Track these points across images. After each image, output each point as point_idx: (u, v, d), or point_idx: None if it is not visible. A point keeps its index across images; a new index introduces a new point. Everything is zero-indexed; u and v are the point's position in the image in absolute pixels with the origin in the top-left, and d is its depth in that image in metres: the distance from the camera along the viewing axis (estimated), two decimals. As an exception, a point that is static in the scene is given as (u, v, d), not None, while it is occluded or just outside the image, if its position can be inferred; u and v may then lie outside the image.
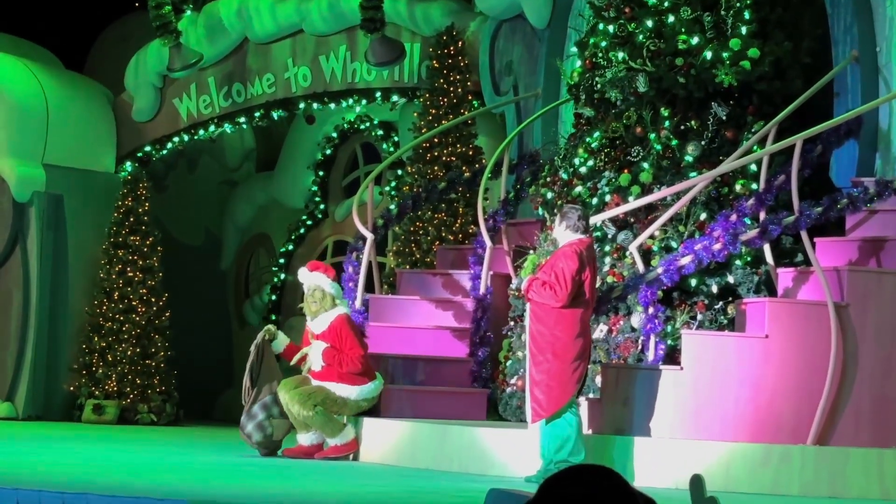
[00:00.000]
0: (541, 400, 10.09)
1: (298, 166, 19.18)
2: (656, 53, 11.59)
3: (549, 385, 10.05)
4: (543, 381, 10.08)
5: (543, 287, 10.08)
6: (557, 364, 10.01)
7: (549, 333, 10.09)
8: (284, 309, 19.14)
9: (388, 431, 11.99)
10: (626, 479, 2.21)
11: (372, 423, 12.26)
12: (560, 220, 10.29)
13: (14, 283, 17.46)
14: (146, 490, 8.67)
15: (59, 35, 20.47)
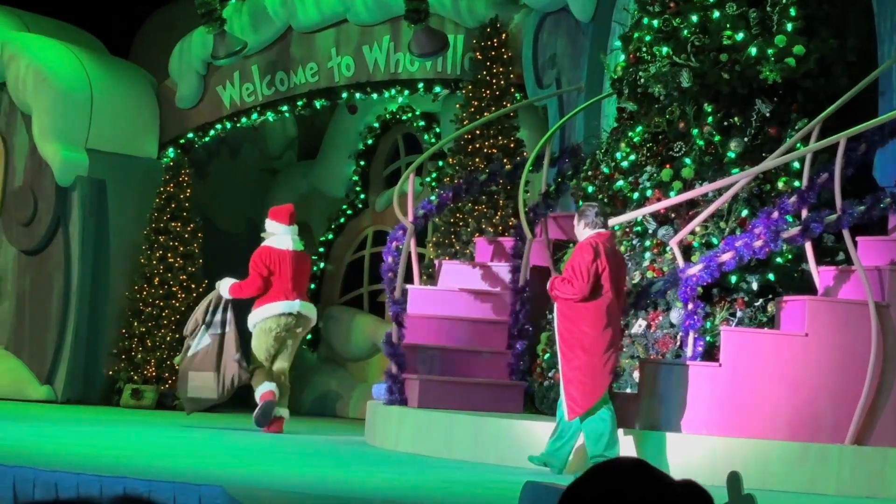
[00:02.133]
0: (576, 397, 10.14)
1: (340, 156, 19.21)
2: (701, 49, 11.55)
3: (583, 381, 10.11)
4: (576, 377, 10.13)
5: (563, 283, 10.17)
6: (587, 359, 10.08)
7: (577, 329, 10.16)
8: (323, 298, 19.17)
9: (425, 422, 12.00)
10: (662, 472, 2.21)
11: (409, 414, 12.28)
12: (579, 219, 10.45)
13: (55, 267, 17.55)
14: (183, 474, 8.71)
15: (104, 21, 20.56)
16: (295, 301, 13.76)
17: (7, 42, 17.72)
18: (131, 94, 18.28)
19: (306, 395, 18.68)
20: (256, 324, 13.68)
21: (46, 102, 17.43)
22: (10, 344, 17.85)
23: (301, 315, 13.82)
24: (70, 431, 12.87)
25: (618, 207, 11.95)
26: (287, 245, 14.00)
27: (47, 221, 17.52)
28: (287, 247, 13.99)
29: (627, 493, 2.14)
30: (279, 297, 13.68)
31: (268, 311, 13.65)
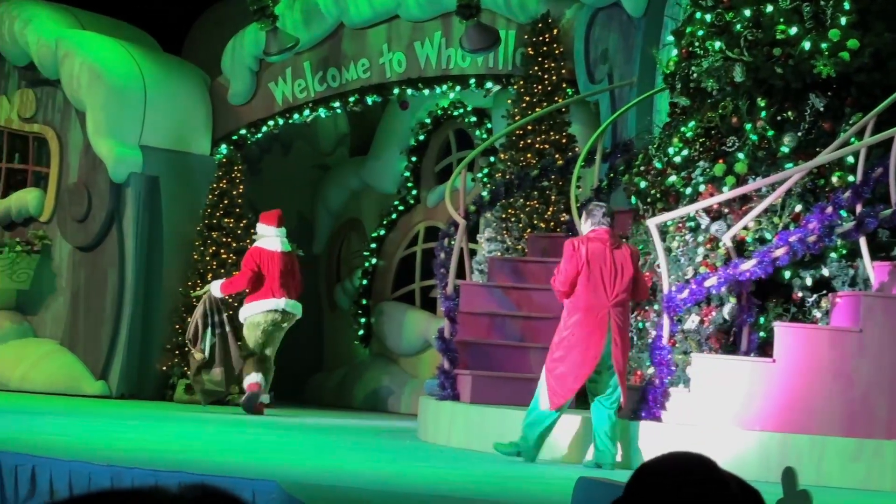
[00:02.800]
0: (556, 388, 10.57)
1: (391, 152, 19.24)
2: (754, 43, 11.49)
3: (564, 373, 10.55)
4: (557, 367, 10.56)
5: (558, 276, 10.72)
6: (569, 352, 10.56)
7: (563, 324, 10.64)
8: (375, 293, 19.21)
9: (477, 418, 12.01)
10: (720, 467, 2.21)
11: (461, 409, 12.30)
12: (585, 218, 10.89)
13: (110, 262, 17.67)
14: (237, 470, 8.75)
15: (157, 18, 20.67)
16: (281, 299, 15.22)
17: (61, 40, 17.85)
18: (184, 90, 18.38)
19: (358, 391, 18.73)
20: (247, 318, 15.22)
21: (100, 99, 17.54)
22: (65, 339, 17.99)
23: (286, 312, 15.29)
24: (124, 426, 12.96)
25: (670, 203, 11.92)
26: (276, 246, 15.38)
27: (101, 218, 17.64)
28: (276, 248, 15.38)
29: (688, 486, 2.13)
30: (268, 294, 15.17)
31: (257, 308, 15.17)
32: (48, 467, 8.84)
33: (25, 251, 18.16)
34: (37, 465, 8.90)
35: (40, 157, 18.61)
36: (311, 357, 19.80)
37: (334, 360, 19.71)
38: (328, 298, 20.10)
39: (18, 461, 8.99)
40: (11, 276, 18.26)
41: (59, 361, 17.73)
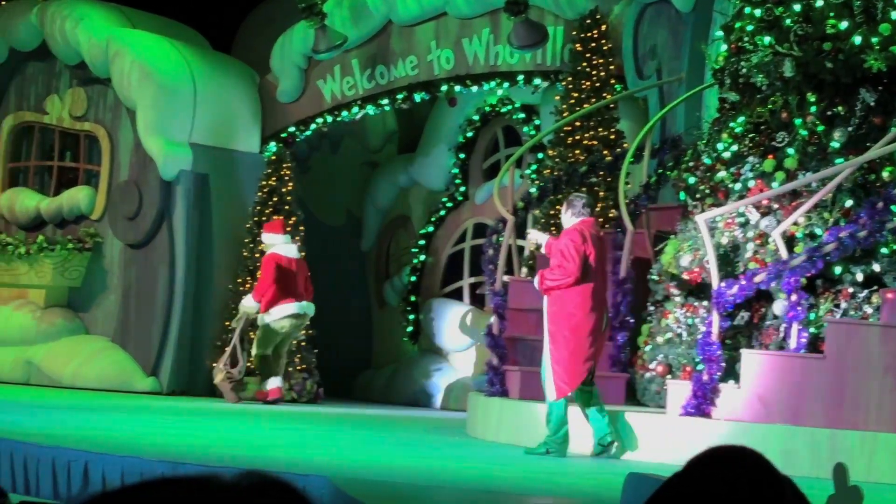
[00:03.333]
0: (564, 377, 10.75)
1: (439, 148, 19.25)
2: (804, 38, 11.44)
3: (570, 361, 10.74)
4: (564, 358, 10.74)
5: (552, 271, 10.80)
6: (574, 340, 10.73)
7: (565, 313, 10.81)
8: (423, 290, 19.24)
9: (526, 414, 12.01)
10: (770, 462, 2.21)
11: (509, 405, 12.30)
12: (566, 209, 11.05)
13: (160, 260, 17.76)
14: (288, 465, 8.80)
15: (207, 16, 20.76)
16: (303, 302, 16.34)
17: (112, 38, 17.95)
18: (233, 88, 18.46)
19: (407, 387, 18.75)
20: (272, 322, 16.17)
21: (150, 98, 17.63)
22: (116, 336, 18.09)
23: (306, 314, 16.46)
24: (175, 422, 13.04)
25: (719, 199, 11.88)
26: (292, 253, 16.53)
27: (152, 215, 17.73)
28: (293, 255, 16.51)
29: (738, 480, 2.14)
30: (291, 299, 16.21)
31: (284, 311, 16.15)
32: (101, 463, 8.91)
33: (77, 249, 18.28)
34: (89, 461, 8.98)
35: (91, 155, 18.73)
36: (360, 354, 19.84)
37: (383, 357, 19.74)
38: (377, 295, 20.14)
39: (71, 457, 9.07)
40: (63, 274, 18.39)
41: (110, 358, 17.84)
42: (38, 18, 18.62)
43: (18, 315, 18.49)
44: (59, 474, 9.11)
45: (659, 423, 11.11)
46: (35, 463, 9.28)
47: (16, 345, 18.33)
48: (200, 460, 8.81)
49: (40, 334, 18.25)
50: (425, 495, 8.21)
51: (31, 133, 19.34)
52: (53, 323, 18.29)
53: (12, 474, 9.39)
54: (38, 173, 19.29)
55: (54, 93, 18.95)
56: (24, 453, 9.35)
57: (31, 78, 19.24)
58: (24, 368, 18.26)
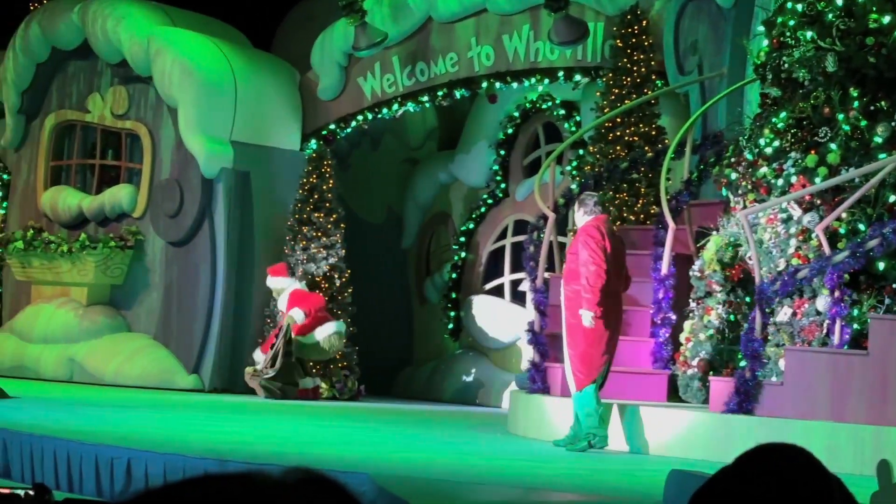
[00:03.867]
0: (581, 368, 10.96)
1: (480, 145, 19.23)
2: (846, 32, 11.37)
3: (587, 352, 10.94)
4: (580, 351, 10.95)
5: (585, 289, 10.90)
6: (592, 332, 10.90)
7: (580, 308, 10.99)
8: (464, 287, 19.23)
9: (567, 411, 11.99)
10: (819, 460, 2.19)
11: (551, 402, 12.29)
12: (579, 207, 11.30)
13: (202, 257, 17.82)
14: (329, 463, 8.81)
15: (247, 14, 20.82)
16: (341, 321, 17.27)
17: (153, 37, 18.02)
18: (274, 86, 18.49)
19: (448, 384, 18.76)
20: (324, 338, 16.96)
21: (192, 96, 17.69)
22: (158, 334, 18.16)
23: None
24: (217, 420, 13.08)
25: (762, 194, 11.82)
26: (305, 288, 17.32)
27: (193, 213, 17.79)
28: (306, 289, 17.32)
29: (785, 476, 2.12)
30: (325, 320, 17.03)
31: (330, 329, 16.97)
32: (143, 460, 8.95)
33: (119, 247, 18.36)
34: (132, 458, 9.02)
35: (133, 153, 18.81)
36: (401, 351, 19.86)
37: (424, 354, 19.76)
38: (418, 292, 20.15)
39: (114, 454, 9.11)
40: (105, 272, 18.47)
41: (152, 356, 17.91)
42: (80, 17, 18.70)
43: (61, 313, 18.59)
44: (102, 471, 9.15)
45: (701, 420, 11.08)
46: (78, 460, 9.32)
47: (59, 343, 18.43)
48: (243, 457, 8.83)
49: (83, 332, 18.34)
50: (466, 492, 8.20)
51: (73, 132, 19.44)
52: (96, 321, 18.37)
53: (56, 471, 9.44)
54: (80, 172, 19.39)
55: (96, 91, 19.03)
56: (67, 450, 9.40)
57: (72, 77, 19.33)
58: (66, 366, 18.36)
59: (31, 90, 19.59)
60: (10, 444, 9.90)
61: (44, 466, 9.54)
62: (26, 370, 18.52)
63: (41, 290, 19.10)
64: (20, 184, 19.82)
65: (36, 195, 19.44)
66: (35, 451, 9.66)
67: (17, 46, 19.43)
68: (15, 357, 18.78)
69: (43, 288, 19.07)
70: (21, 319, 19.04)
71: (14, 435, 9.93)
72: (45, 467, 9.52)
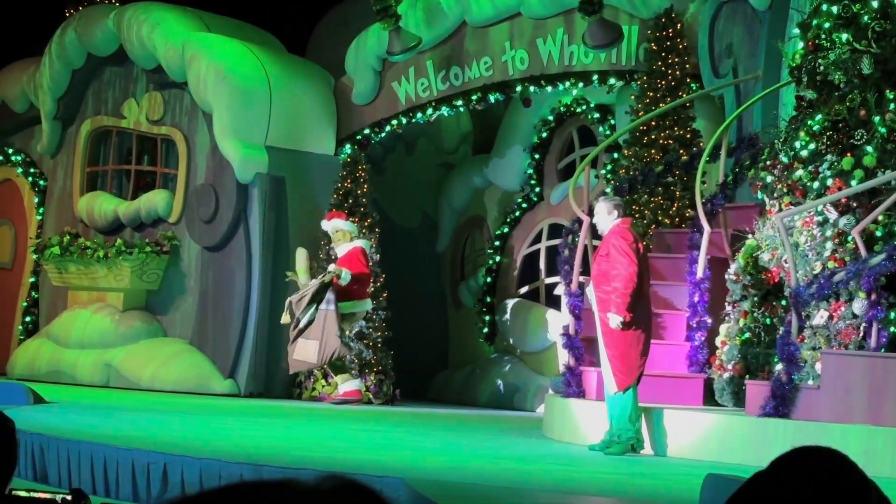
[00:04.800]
0: (622, 369, 10.98)
1: (514, 149, 19.23)
2: (882, 34, 11.32)
3: (626, 354, 10.96)
4: (620, 353, 10.97)
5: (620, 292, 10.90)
6: (631, 334, 10.95)
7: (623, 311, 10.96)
8: (499, 291, 19.22)
9: (603, 415, 11.96)
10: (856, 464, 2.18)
11: (587, 406, 12.27)
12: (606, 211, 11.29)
13: (237, 262, 17.86)
14: (364, 467, 8.81)
15: (282, 19, 20.87)
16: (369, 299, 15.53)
17: (188, 42, 18.09)
18: (309, 91, 18.53)
19: (484, 388, 18.75)
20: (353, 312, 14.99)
21: (227, 101, 17.75)
22: (194, 339, 18.22)
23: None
24: (253, 425, 13.10)
25: (798, 197, 11.78)
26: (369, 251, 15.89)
27: (229, 218, 17.84)
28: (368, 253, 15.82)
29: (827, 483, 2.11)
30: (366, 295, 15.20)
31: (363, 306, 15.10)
32: (179, 465, 8.97)
33: (155, 252, 18.44)
34: (168, 463, 9.04)
35: (168, 158, 18.88)
36: (436, 355, 19.86)
37: (459, 358, 19.76)
38: (453, 296, 20.16)
39: (150, 459, 9.14)
40: (141, 277, 18.55)
41: (188, 361, 17.97)
42: (115, 24, 18.79)
43: (98, 318, 18.67)
44: (139, 476, 9.18)
45: (737, 424, 11.03)
46: (115, 465, 9.36)
47: (95, 348, 18.51)
48: (279, 462, 8.84)
49: (119, 337, 18.42)
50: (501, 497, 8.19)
51: (109, 137, 19.53)
52: (132, 326, 18.45)
53: (92, 476, 9.47)
54: (115, 177, 19.48)
55: (131, 97, 19.12)
56: (103, 455, 9.44)
57: (108, 83, 19.43)
58: (103, 371, 18.43)
59: (67, 96, 19.69)
60: (48, 449, 9.95)
61: (80, 471, 9.58)
62: (63, 375, 18.62)
63: (77, 295, 19.19)
64: (56, 190, 19.92)
65: (72, 201, 19.54)
66: (72, 456, 9.70)
67: (54, 53, 19.54)
68: (52, 362, 18.87)
69: (79, 293, 19.16)
70: (57, 325, 19.14)
71: (51, 440, 9.97)
72: (82, 472, 9.56)
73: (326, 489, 1.76)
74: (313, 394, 17.52)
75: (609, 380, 11.10)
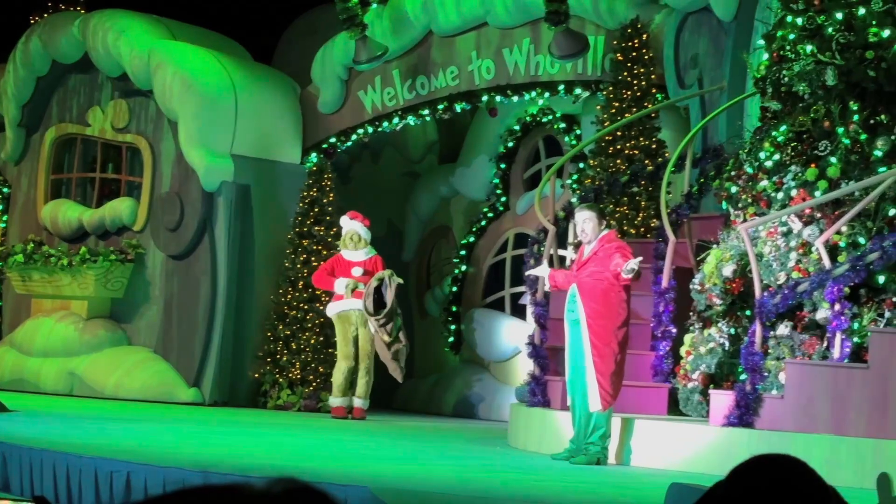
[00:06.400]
0: (608, 388, 10.99)
1: (480, 159, 19.24)
2: (846, 46, 11.38)
3: (616, 373, 11.02)
4: (609, 370, 10.98)
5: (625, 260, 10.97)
6: (621, 354, 11.06)
7: (611, 325, 11.02)
8: (465, 300, 19.22)
9: (568, 425, 11.98)
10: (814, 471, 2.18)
11: (552, 416, 12.28)
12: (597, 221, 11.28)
13: (202, 270, 17.82)
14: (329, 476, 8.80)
15: (248, 28, 20.84)
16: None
17: (154, 50, 18.04)
18: (275, 99, 18.51)
19: (449, 398, 18.75)
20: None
21: (192, 109, 17.70)
22: (158, 347, 18.16)
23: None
24: (218, 433, 13.06)
25: (762, 208, 11.83)
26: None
27: (194, 226, 17.79)
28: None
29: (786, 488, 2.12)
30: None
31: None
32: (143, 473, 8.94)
33: (119, 260, 18.37)
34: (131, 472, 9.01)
35: (133, 166, 18.82)
36: (401, 364, 19.82)
37: (425, 367, 19.74)
38: (418, 306, 20.15)
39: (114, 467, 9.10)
40: (106, 285, 18.48)
41: (152, 369, 17.90)
42: (80, 31, 18.73)
43: (61, 326, 18.59)
44: (102, 485, 9.14)
45: (701, 434, 11.07)
46: (77, 473, 9.32)
47: (59, 356, 18.43)
48: (243, 471, 8.81)
49: (83, 345, 18.34)
50: (467, 506, 8.19)
51: (74, 145, 19.45)
52: (96, 334, 18.37)
53: (55, 485, 9.43)
54: (80, 185, 19.40)
55: (96, 105, 19.05)
56: (66, 464, 9.40)
57: (73, 90, 19.35)
58: (67, 380, 18.35)
59: (31, 104, 19.61)
60: (10, 457, 9.90)
61: (43, 480, 9.53)
62: (26, 384, 18.52)
63: (41, 303, 19.10)
64: (20, 197, 19.83)
65: (36, 209, 19.45)
66: (35, 464, 9.65)
67: (18, 60, 19.46)
68: (15, 370, 18.78)
69: (43, 301, 19.07)
70: (21, 333, 19.04)
71: (14, 448, 9.92)
72: (45, 480, 9.52)
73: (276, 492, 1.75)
74: (278, 402, 17.48)
75: (594, 396, 11.07)
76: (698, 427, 11.25)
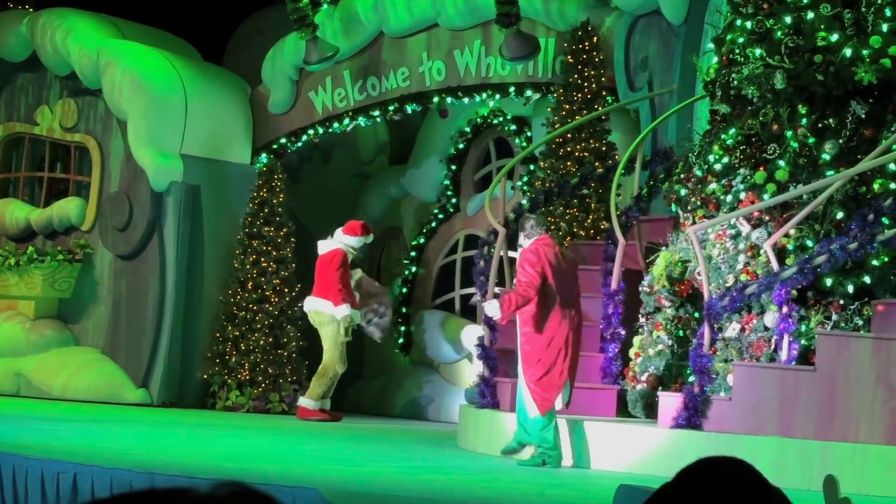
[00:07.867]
0: (542, 394, 11.04)
1: (431, 160, 19.23)
2: (795, 50, 11.45)
3: (548, 376, 11.02)
4: (538, 375, 11.02)
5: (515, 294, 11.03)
6: (548, 358, 11.03)
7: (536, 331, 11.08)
8: (415, 302, 19.21)
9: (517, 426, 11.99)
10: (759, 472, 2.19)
11: (501, 417, 12.28)
12: (520, 232, 11.39)
13: (151, 271, 17.73)
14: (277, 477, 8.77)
15: (197, 27, 20.75)
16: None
17: (103, 49, 17.93)
18: (225, 99, 18.44)
19: (398, 399, 18.73)
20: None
21: (141, 109, 17.61)
22: (106, 348, 18.05)
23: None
24: (165, 434, 13.00)
25: (711, 210, 11.89)
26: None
27: (142, 226, 17.70)
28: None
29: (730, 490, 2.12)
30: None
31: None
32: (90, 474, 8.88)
33: (67, 260, 18.25)
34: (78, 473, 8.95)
35: (82, 166, 18.71)
36: (351, 365, 19.77)
37: (374, 369, 19.71)
38: (368, 307, 20.09)
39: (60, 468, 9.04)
40: (53, 285, 18.35)
41: (100, 370, 17.80)
42: (29, 29, 18.60)
43: (8, 326, 18.45)
44: (48, 486, 9.08)
45: (650, 436, 11.10)
46: (24, 475, 9.25)
47: (5, 356, 18.29)
48: (190, 473, 8.77)
49: (30, 346, 18.22)
50: (415, 507, 8.18)
51: (22, 144, 19.31)
52: (43, 334, 18.25)
53: (1, 486, 9.35)
54: (28, 184, 19.27)
55: (45, 104, 18.92)
56: (12, 465, 9.32)
57: (21, 89, 19.22)
58: (13, 380, 18.22)
59: (-22, 102, 19.46)
60: (-45, 458, 9.81)
61: (-11, 481, 9.45)
62: (-27, 384, 18.37)
63: (-12, 303, 18.96)
64: (-33, 196, 19.67)
65: (-17, 208, 19.29)
66: (-20, 465, 9.57)
67: (-34, 58, 19.31)
68: (-39, 371, 18.62)
69: (-10, 301, 18.93)
70: (-33, 333, 18.89)
71: (-41, 449, 9.83)
72: (-9, 482, 9.44)
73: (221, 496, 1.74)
74: (227, 403, 17.42)
75: (530, 404, 11.13)
76: (647, 429, 11.29)
